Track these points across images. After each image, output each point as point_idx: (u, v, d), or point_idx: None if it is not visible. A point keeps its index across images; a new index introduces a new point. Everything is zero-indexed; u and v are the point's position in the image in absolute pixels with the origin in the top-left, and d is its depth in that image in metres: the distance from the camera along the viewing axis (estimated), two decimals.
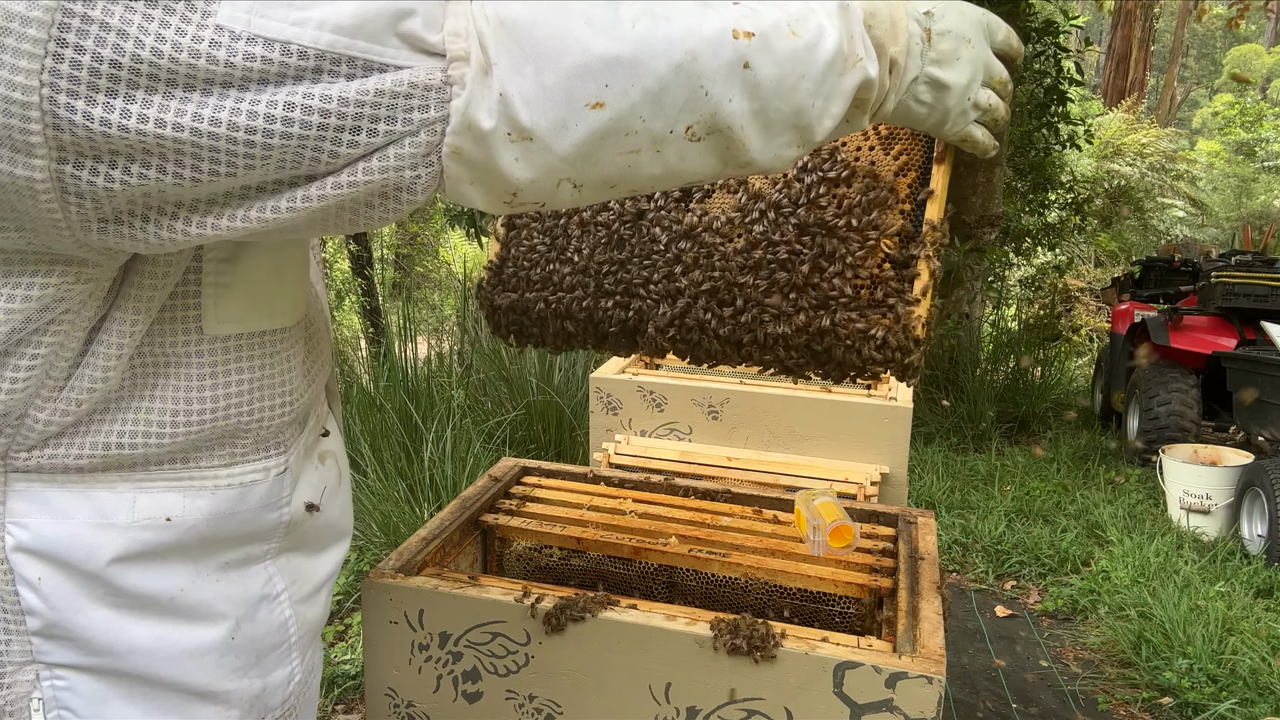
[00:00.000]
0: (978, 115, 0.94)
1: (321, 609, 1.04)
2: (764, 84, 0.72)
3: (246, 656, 0.92)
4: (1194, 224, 12.73)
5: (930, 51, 0.86)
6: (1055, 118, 6.89)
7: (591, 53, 0.66)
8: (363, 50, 0.62)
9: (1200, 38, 28.46)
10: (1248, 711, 2.69)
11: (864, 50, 0.78)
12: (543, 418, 4.18)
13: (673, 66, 0.68)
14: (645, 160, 0.72)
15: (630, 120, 0.69)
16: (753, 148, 0.76)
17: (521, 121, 0.66)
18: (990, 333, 6.85)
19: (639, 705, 1.21)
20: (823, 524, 1.39)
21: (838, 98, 0.77)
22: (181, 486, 0.84)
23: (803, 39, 0.74)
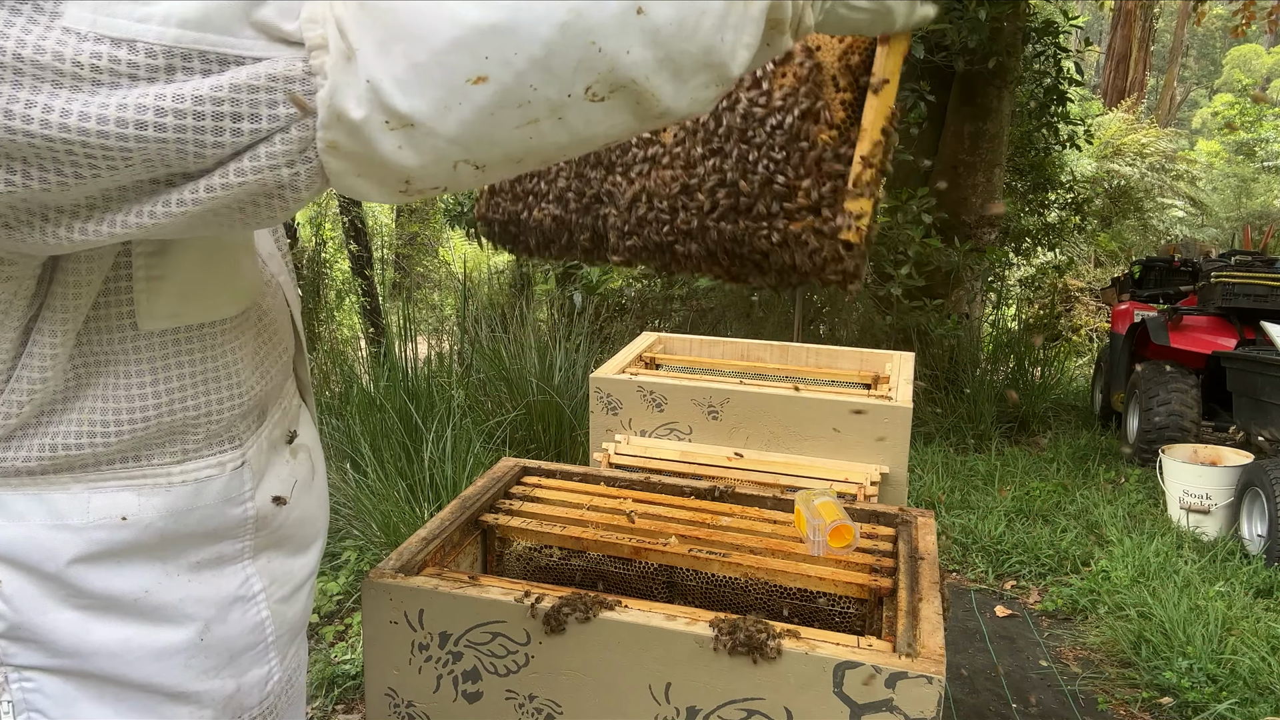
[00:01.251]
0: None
1: (303, 607, 1.03)
2: (663, 28, 0.64)
3: (218, 657, 0.91)
4: (1194, 224, 12.74)
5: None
6: (1055, 118, 6.89)
7: (464, 24, 0.59)
8: (213, 44, 0.59)
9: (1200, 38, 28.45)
10: (1247, 711, 2.69)
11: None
12: (543, 418, 4.18)
13: (557, 26, 0.61)
14: (548, 130, 0.66)
15: (520, 91, 0.62)
16: (665, 97, 0.68)
17: (397, 108, 0.61)
18: (990, 333, 6.85)
19: (639, 705, 1.21)
20: (823, 524, 1.39)
21: (748, 25, 0.69)
22: (135, 485, 0.83)
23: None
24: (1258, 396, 4.47)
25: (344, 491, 3.43)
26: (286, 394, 1.01)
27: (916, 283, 5.09)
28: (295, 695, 1.04)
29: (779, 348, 2.57)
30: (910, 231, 4.92)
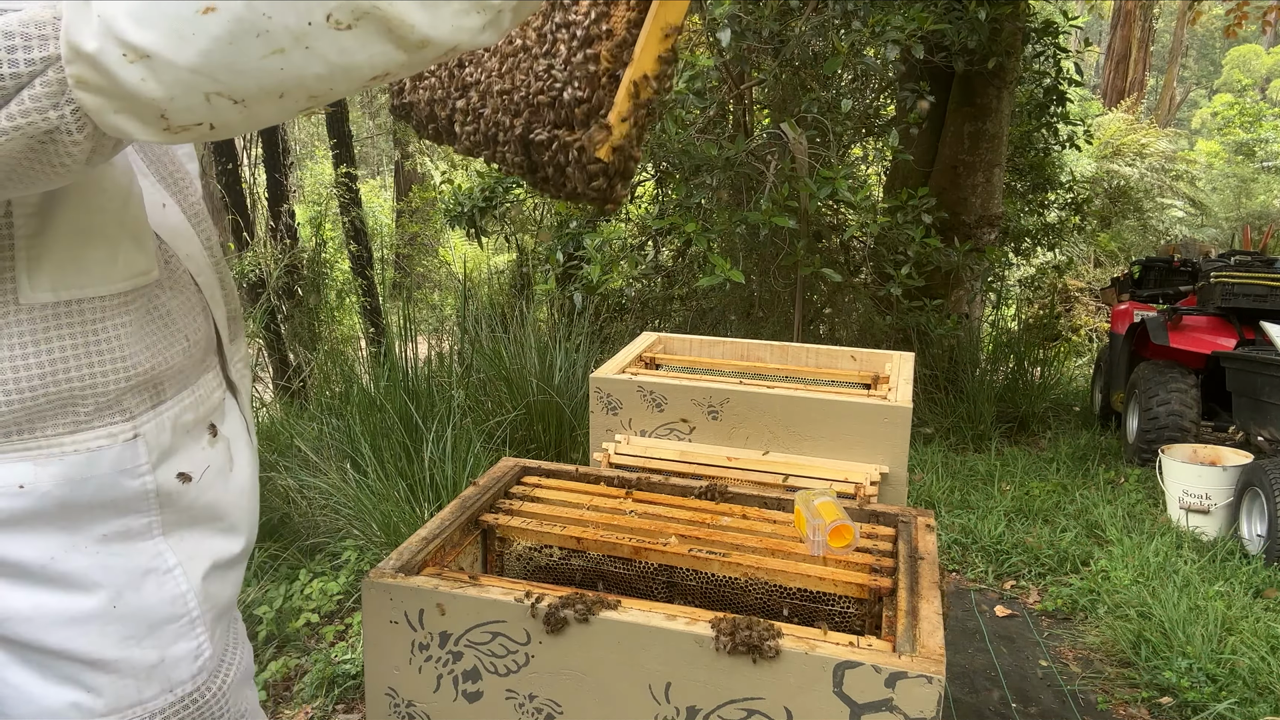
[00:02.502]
0: None
1: (232, 590, 1.05)
2: None
3: (135, 626, 0.93)
4: (1194, 224, 12.73)
5: None
6: (1055, 118, 6.89)
7: None
8: None
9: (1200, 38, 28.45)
10: (1247, 711, 2.69)
11: None
12: (543, 418, 4.19)
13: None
14: (300, 60, 0.65)
15: (254, 20, 0.62)
16: (420, 25, 0.66)
17: (132, 40, 0.62)
18: (990, 333, 6.85)
19: (639, 705, 1.21)
20: (823, 524, 1.39)
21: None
22: (31, 455, 0.86)
23: None
24: (1257, 396, 4.47)
25: (344, 491, 3.43)
26: (202, 384, 1.04)
27: (916, 283, 5.09)
28: (237, 681, 1.05)
29: (779, 348, 2.57)
30: (910, 231, 4.92)
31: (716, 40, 4.54)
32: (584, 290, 5.17)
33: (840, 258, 5.65)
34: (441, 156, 11.30)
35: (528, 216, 7.41)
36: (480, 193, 5.85)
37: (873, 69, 4.58)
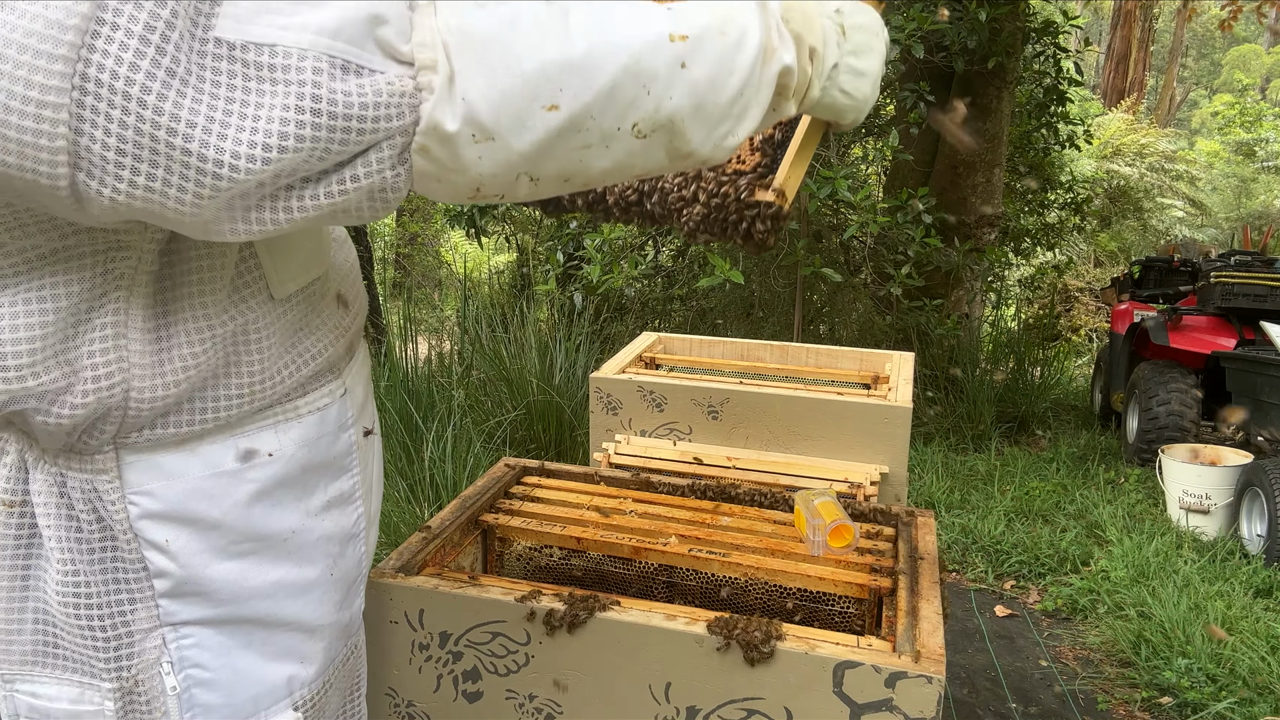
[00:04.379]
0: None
1: (374, 543, 1.15)
2: (700, 81, 0.79)
3: (341, 591, 1.02)
4: (1194, 224, 12.73)
5: (846, 43, 0.93)
6: (1055, 118, 6.89)
7: (546, 59, 0.72)
8: (342, 51, 0.68)
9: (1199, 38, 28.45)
10: (1247, 711, 2.69)
11: (780, 41, 0.85)
12: (543, 418, 4.18)
13: (619, 69, 0.75)
14: (595, 155, 0.79)
15: (583, 119, 0.75)
16: (694, 139, 0.82)
17: (484, 123, 0.72)
18: (990, 333, 6.84)
19: (639, 705, 1.21)
20: (823, 524, 1.39)
21: (764, 87, 0.84)
22: (273, 424, 0.92)
23: (730, 38, 0.81)
24: (1257, 396, 4.47)
25: None
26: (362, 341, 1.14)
27: (916, 283, 5.09)
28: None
29: (779, 348, 2.57)
30: (910, 231, 4.92)
31: None
32: (584, 290, 5.17)
33: (840, 258, 5.65)
34: None
35: (528, 216, 7.41)
36: None
37: None
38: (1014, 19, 5.67)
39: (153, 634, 0.88)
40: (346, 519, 1.02)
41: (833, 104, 0.95)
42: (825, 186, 4.43)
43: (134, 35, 0.63)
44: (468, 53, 0.71)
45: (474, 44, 0.71)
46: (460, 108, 0.71)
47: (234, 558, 0.90)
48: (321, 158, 0.69)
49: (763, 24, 0.84)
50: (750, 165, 1.16)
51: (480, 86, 0.71)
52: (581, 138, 0.77)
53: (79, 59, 0.62)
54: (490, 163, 0.75)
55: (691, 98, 0.79)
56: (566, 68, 0.73)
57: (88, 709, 0.88)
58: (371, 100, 0.69)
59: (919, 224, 4.93)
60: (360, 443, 1.05)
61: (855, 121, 0.98)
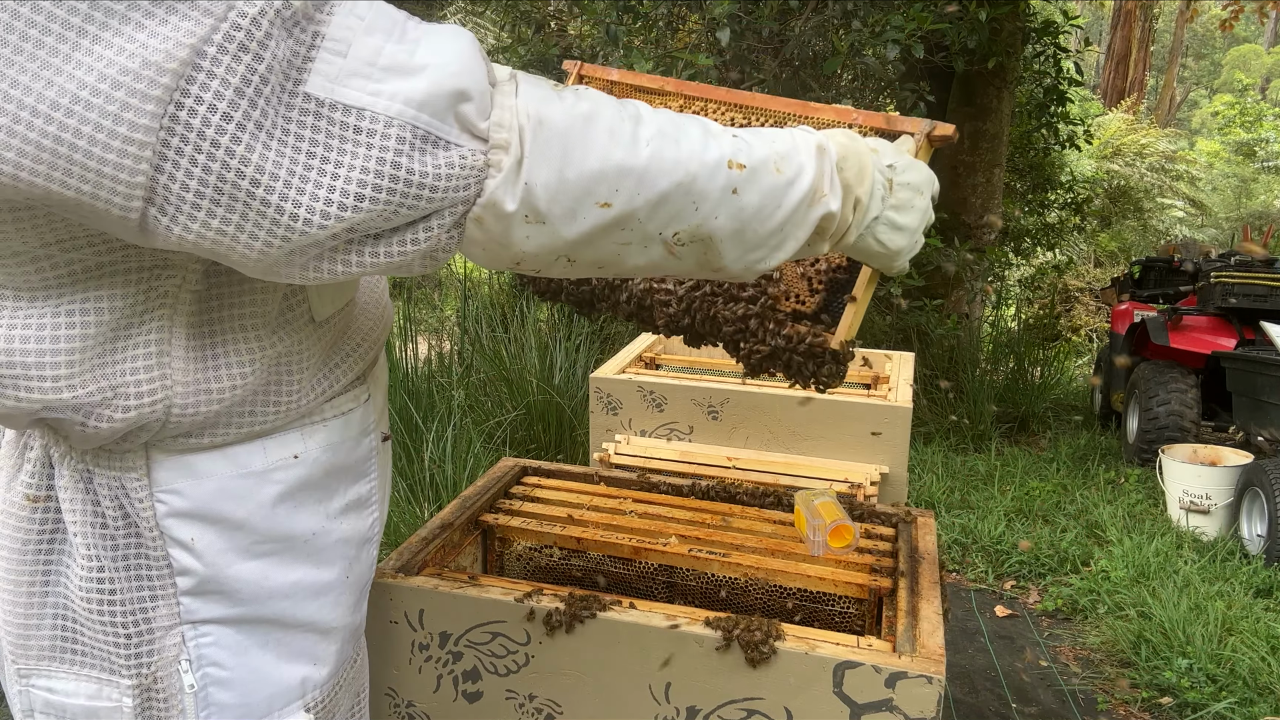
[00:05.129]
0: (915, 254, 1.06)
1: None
2: (746, 209, 0.85)
3: (354, 593, 1.04)
4: (1194, 224, 12.73)
5: (891, 198, 0.98)
6: (1055, 118, 6.89)
7: (610, 161, 0.78)
8: (425, 123, 0.71)
9: (1199, 38, 28.44)
10: (1247, 711, 2.69)
11: (830, 188, 0.91)
12: (543, 418, 4.18)
13: (674, 183, 0.81)
14: (633, 252, 0.84)
15: (630, 220, 0.81)
16: (727, 258, 0.88)
17: (539, 208, 0.77)
18: (990, 333, 6.84)
19: (639, 705, 1.21)
20: (823, 524, 1.39)
21: (805, 225, 0.90)
22: (299, 426, 0.94)
23: (784, 176, 0.87)
24: (1258, 396, 4.47)
25: None
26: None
27: (916, 283, 5.09)
28: None
29: None
30: None
31: (716, 40, 4.53)
32: None
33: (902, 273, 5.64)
34: None
35: None
36: None
37: (872, 69, 4.57)
38: (1014, 19, 5.67)
39: (173, 631, 0.89)
40: (363, 522, 1.04)
41: (866, 249, 0.99)
42: None
43: (230, 86, 0.65)
44: (540, 141, 0.75)
45: (548, 134, 0.75)
46: (521, 190, 0.75)
47: (256, 557, 0.91)
48: (389, 219, 0.73)
49: (818, 169, 0.89)
50: (810, 308, 1.21)
51: (544, 174, 0.76)
52: (624, 235, 0.82)
53: (171, 101, 0.64)
54: (535, 244, 0.79)
55: (735, 222, 0.85)
56: (626, 172, 0.78)
57: (105, 705, 0.88)
58: (445, 172, 0.72)
59: None
60: (379, 447, 1.06)
61: (897, 269, 1.04)
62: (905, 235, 0.99)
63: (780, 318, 1.20)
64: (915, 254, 1.04)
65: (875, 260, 1.02)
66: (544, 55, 5.19)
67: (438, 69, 0.72)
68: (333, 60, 0.69)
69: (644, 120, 0.81)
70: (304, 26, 0.69)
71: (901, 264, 1.02)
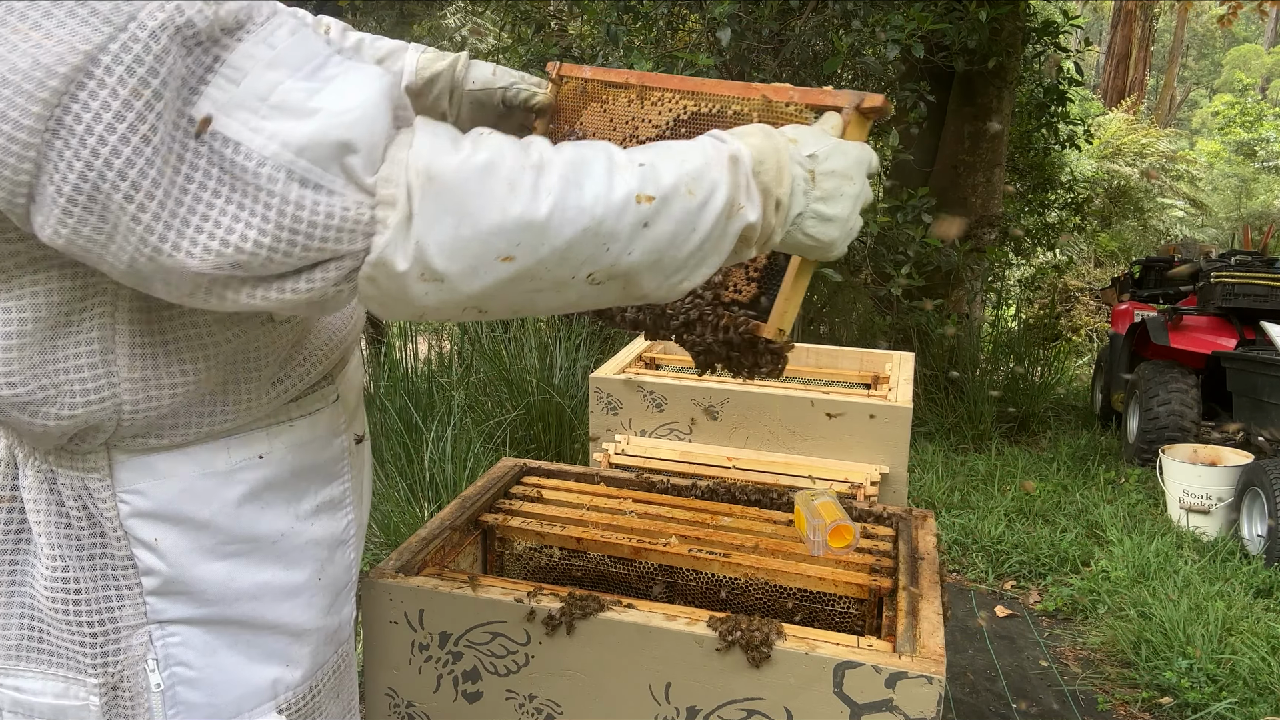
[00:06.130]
0: (854, 237, 1.01)
1: (361, 550, 1.15)
2: (661, 239, 0.82)
3: (330, 596, 1.02)
4: (1194, 224, 12.72)
5: (815, 190, 0.93)
6: (1055, 118, 6.88)
7: (509, 215, 0.74)
8: (303, 169, 0.69)
9: (1200, 38, 28.43)
10: (1247, 711, 2.69)
11: (746, 199, 0.87)
12: (543, 418, 4.18)
13: (580, 230, 0.77)
14: (547, 296, 0.82)
15: (536, 271, 0.77)
16: (647, 287, 0.86)
17: (434, 267, 0.73)
18: (990, 333, 6.84)
19: (639, 705, 1.21)
20: (823, 524, 1.39)
21: (725, 241, 0.87)
22: (264, 426, 0.93)
23: (697, 198, 0.83)
24: (1258, 396, 4.47)
25: None
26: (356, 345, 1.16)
27: (916, 283, 5.09)
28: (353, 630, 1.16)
29: None
30: (910, 231, 4.91)
31: (716, 40, 4.53)
32: None
33: (840, 258, 5.64)
34: None
35: None
36: None
37: (872, 69, 4.57)
38: (1014, 19, 5.67)
39: (139, 631, 0.88)
40: (336, 524, 1.03)
41: (796, 245, 0.95)
42: None
43: (118, 97, 0.64)
44: (430, 198, 0.72)
45: (438, 190, 0.72)
46: (413, 249, 0.72)
47: (222, 558, 0.91)
48: (265, 264, 0.70)
49: (732, 182, 0.85)
50: (746, 297, 1.17)
51: (436, 233, 0.72)
52: (533, 284, 0.79)
53: (59, 104, 0.64)
54: (436, 299, 0.76)
55: (651, 253, 0.82)
56: (527, 227, 0.74)
57: (73, 704, 0.88)
58: (323, 221, 0.70)
59: (919, 224, 4.93)
60: (352, 449, 1.05)
61: (834, 258, 0.99)
62: (835, 225, 0.94)
63: (719, 309, 1.17)
64: (853, 238, 1.00)
65: (809, 253, 0.98)
66: (544, 55, 5.18)
67: (330, 116, 0.69)
68: (225, 88, 0.68)
69: (546, 168, 0.77)
70: (207, 48, 0.68)
71: (837, 252, 0.98)
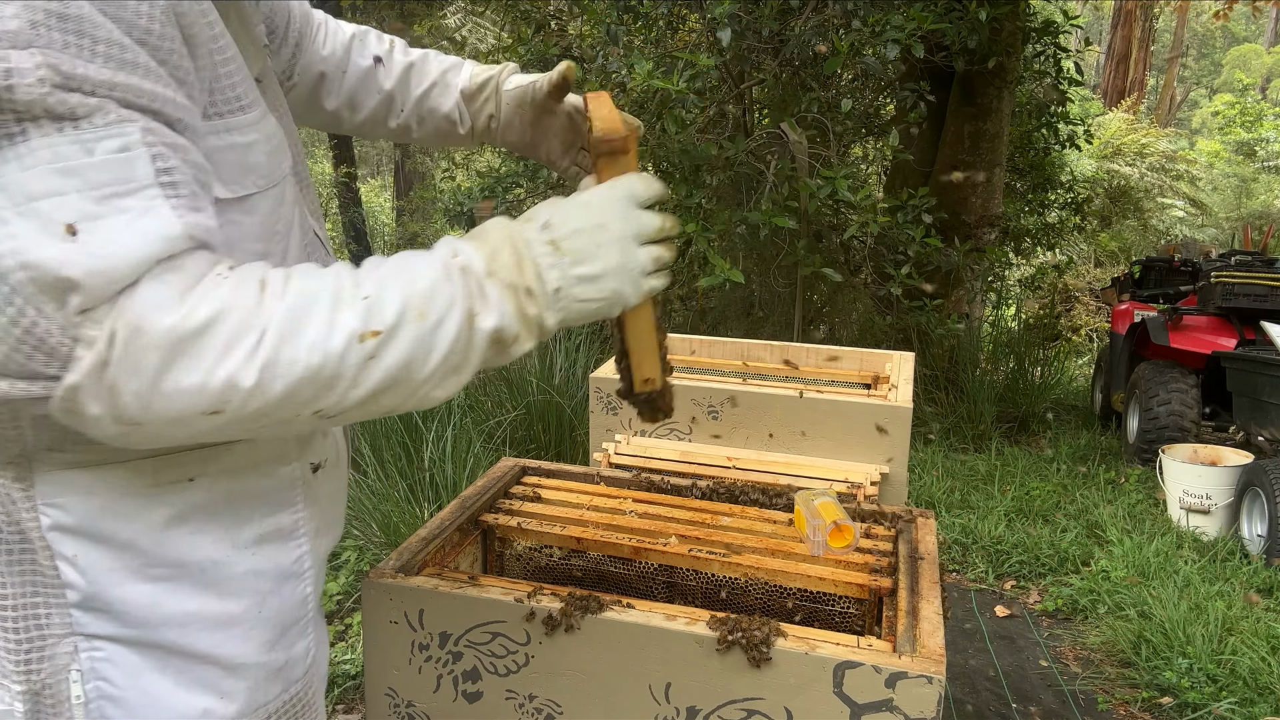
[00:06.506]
0: (652, 270, 0.94)
1: (321, 585, 1.09)
2: (393, 367, 0.79)
3: (273, 630, 0.97)
4: (1194, 224, 12.72)
5: (565, 258, 0.87)
6: (1055, 118, 6.89)
7: (213, 379, 0.72)
8: (18, 281, 0.68)
9: (1200, 37, 28.44)
10: (1247, 711, 2.69)
11: (483, 305, 0.83)
12: (543, 418, 4.18)
13: (295, 380, 0.75)
14: (277, 428, 0.79)
15: (251, 417, 0.75)
16: (390, 403, 0.82)
17: (129, 415, 0.72)
18: (990, 332, 6.84)
19: (639, 705, 1.21)
20: (823, 524, 1.39)
21: (474, 350, 0.83)
22: (197, 448, 0.89)
23: (430, 319, 0.80)
24: (1258, 396, 4.47)
25: None
26: None
27: (916, 283, 5.09)
28: (322, 672, 1.09)
29: (779, 348, 2.57)
30: (910, 231, 4.92)
31: (716, 40, 4.53)
32: None
33: (840, 258, 5.65)
34: (443, 154, 11.29)
35: None
36: (481, 192, 5.85)
37: (872, 69, 4.57)
38: (1014, 19, 5.67)
39: (65, 641, 0.86)
40: (284, 556, 0.98)
41: (582, 313, 0.90)
42: (825, 186, 4.42)
43: None
44: (132, 351, 0.70)
45: (143, 345, 0.70)
46: (106, 394, 0.71)
47: (147, 581, 0.88)
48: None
49: (465, 293, 0.82)
50: (618, 367, 1.14)
51: (133, 384, 0.70)
52: (254, 425, 0.77)
53: None
54: (138, 439, 0.75)
55: (384, 382, 0.79)
56: (232, 389, 0.73)
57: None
58: (21, 335, 0.69)
59: (919, 224, 4.93)
60: (308, 478, 1.01)
61: (631, 305, 0.93)
62: (609, 278, 0.89)
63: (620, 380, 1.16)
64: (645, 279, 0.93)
65: (602, 314, 0.92)
66: (544, 55, 5.18)
67: (77, 251, 0.68)
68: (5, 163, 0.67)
69: (270, 324, 0.74)
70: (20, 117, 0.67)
71: (630, 300, 0.92)
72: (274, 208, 0.93)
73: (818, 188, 4.46)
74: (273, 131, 0.93)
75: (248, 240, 0.89)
